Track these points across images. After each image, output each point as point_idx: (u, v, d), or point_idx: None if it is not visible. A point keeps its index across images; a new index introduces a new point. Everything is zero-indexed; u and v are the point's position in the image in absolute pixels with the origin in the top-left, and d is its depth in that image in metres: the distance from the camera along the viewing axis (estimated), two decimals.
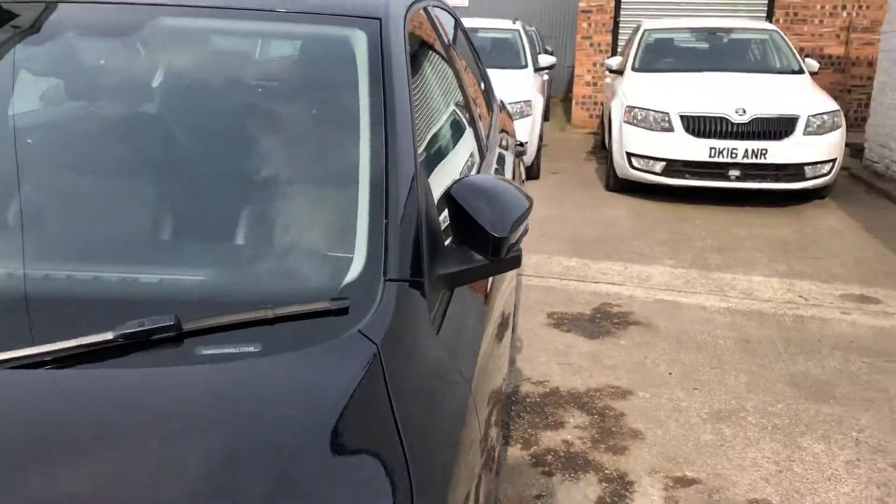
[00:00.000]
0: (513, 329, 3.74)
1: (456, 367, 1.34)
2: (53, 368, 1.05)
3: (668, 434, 2.95)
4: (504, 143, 2.92)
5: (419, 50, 1.97)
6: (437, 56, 2.23)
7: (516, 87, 7.10)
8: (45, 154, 1.52)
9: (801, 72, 7.41)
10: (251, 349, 1.11)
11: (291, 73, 1.77)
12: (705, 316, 4.12)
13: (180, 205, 1.44)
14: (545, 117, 9.18)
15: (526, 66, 7.79)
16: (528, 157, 6.99)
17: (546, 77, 8.98)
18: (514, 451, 2.81)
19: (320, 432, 1.00)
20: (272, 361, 1.10)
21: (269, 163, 1.48)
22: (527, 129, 6.92)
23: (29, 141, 1.52)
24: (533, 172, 7.22)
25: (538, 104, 7.29)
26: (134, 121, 1.59)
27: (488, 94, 3.15)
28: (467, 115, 2.32)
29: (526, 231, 1.50)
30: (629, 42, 8.43)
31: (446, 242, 1.55)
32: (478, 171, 2.15)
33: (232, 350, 1.10)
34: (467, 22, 6.40)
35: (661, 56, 7.87)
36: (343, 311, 1.17)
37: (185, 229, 1.42)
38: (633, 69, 7.62)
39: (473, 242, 1.37)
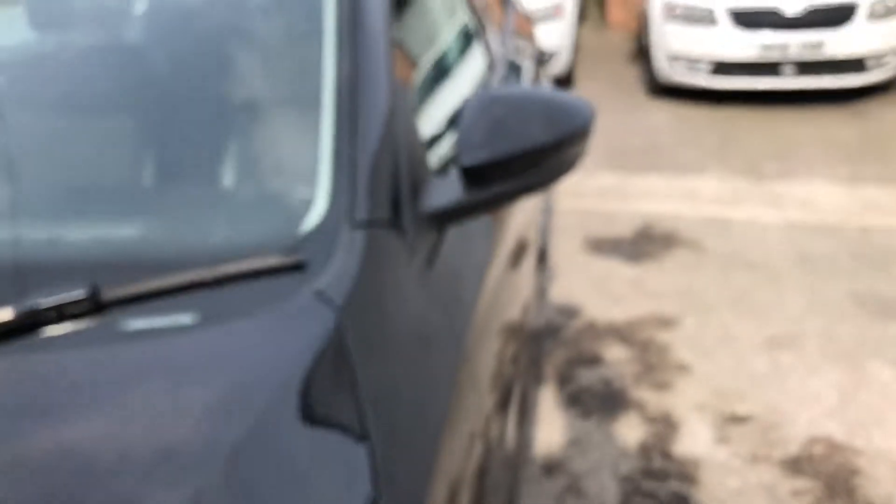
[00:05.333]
0: (546, 256, 3.49)
1: (448, 325, 1.10)
2: None
3: (717, 366, 2.69)
4: (522, 49, 2.58)
5: None
6: None
7: None
8: None
9: None
10: (186, 320, 0.89)
11: None
12: (759, 231, 3.78)
13: (85, 142, 1.18)
14: (580, 19, 8.61)
15: None
16: (562, 64, 6.54)
17: None
18: (548, 392, 2.60)
19: (259, 437, 0.78)
20: (208, 336, 0.88)
21: (204, 89, 1.21)
22: (558, 35, 6.43)
23: None
24: (568, 80, 6.79)
25: (570, 6, 6.76)
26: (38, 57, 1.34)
27: None
28: (472, 23, 2.00)
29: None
30: None
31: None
32: (485, 84, 1.85)
33: (162, 323, 0.89)
34: None
35: None
36: (299, 267, 0.95)
37: (95, 173, 1.17)
38: None
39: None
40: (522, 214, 1.89)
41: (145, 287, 0.91)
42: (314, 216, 1.01)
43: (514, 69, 2.27)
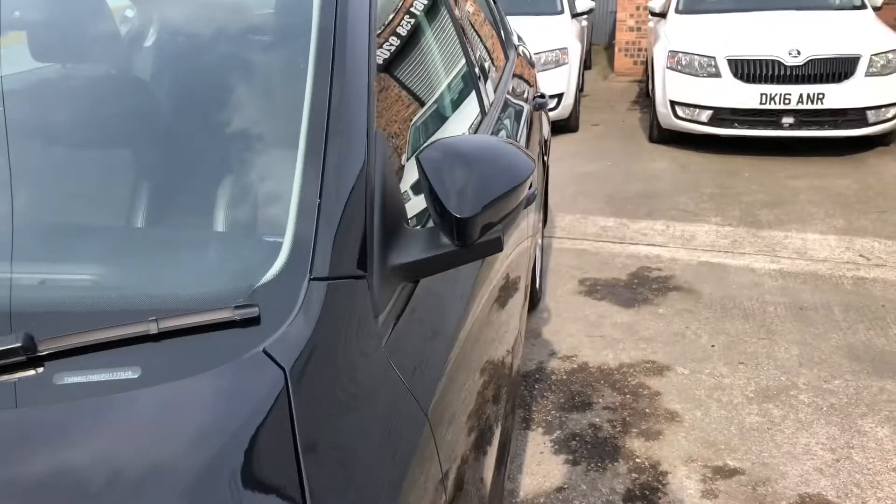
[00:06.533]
0: (535, 296, 3.46)
1: (419, 372, 1.07)
2: None
3: (708, 416, 2.65)
4: (520, 94, 2.60)
5: None
6: None
7: (551, 34, 6.67)
8: None
9: (862, 7, 6.79)
10: (128, 375, 0.85)
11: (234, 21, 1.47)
12: (754, 279, 3.76)
13: (41, 181, 1.14)
14: (585, 66, 8.70)
15: (562, 11, 7.31)
16: (566, 109, 6.60)
17: (585, 23, 8.47)
18: (535, 437, 2.56)
19: None
20: (149, 395, 0.84)
21: (168, 134, 1.20)
22: (563, 79, 6.51)
23: None
24: (571, 124, 6.84)
25: (575, 52, 6.85)
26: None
27: (504, 41, 2.82)
28: (467, 67, 2.01)
29: (531, 201, 1.21)
30: None
31: (418, 224, 1.27)
32: (475, 130, 1.85)
33: (103, 377, 0.85)
34: None
35: None
36: (253, 322, 0.90)
37: (46, 214, 1.13)
38: (677, 11, 7.09)
39: (442, 222, 1.07)
40: (513, 252, 1.87)
41: (85, 339, 0.87)
42: (274, 268, 0.97)
43: (511, 114, 2.27)
